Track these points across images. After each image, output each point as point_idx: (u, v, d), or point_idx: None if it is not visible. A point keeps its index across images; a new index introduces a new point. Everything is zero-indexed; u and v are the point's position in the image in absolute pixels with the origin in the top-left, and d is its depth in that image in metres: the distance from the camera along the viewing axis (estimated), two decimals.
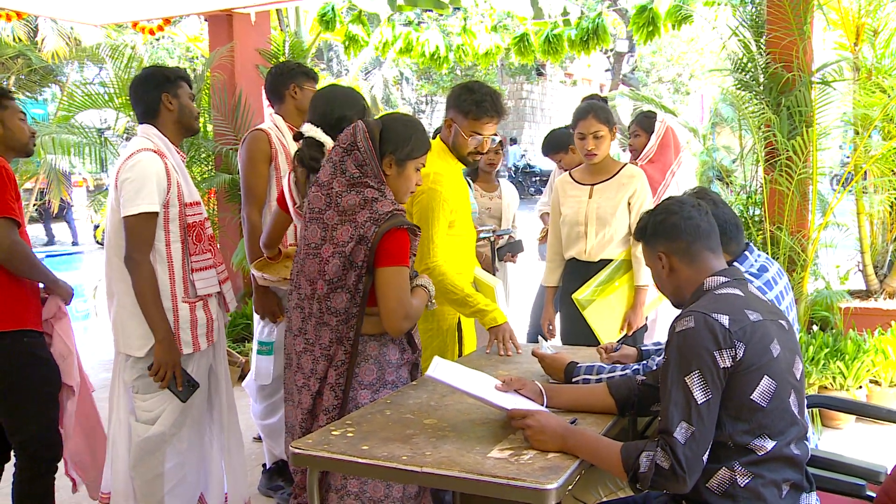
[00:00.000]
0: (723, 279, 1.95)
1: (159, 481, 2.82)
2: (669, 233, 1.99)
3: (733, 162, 6.94)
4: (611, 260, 3.53)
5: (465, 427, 2.07)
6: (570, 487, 1.77)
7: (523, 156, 24.81)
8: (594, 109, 3.51)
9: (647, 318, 3.68)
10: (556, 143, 4.61)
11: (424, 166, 2.52)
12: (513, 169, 23.73)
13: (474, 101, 2.96)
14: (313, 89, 3.52)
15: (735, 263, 2.29)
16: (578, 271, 3.57)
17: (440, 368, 2.12)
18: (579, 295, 3.38)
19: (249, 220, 3.40)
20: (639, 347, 2.62)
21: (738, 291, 1.91)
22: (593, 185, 3.60)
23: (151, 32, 6.51)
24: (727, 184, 6.02)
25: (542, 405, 2.16)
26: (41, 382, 2.87)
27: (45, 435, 2.89)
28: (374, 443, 1.95)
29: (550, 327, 3.79)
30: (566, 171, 3.90)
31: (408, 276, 2.37)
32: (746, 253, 2.34)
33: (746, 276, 2.24)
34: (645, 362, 2.43)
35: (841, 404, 3.14)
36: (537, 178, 22.14)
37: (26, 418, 2.85)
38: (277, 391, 3.48)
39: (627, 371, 2.35)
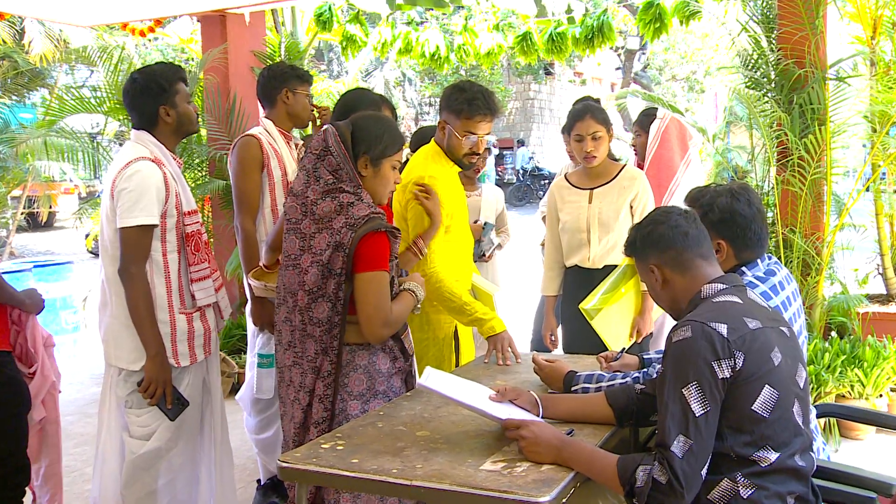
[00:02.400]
0: (720, 286, 1.96)
1: (152, 498, 2.84)
2: (658, 244, 2.01)
3: (748, 162, 6.94)
4: (615, 266, 3.53)
5: (458, 439, 2.09)
6: (563, 500, 1.78)
7: (531, 158, 24.78)
8: (591, 110, 3.53)
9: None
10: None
11: (401, 163, 2.55)
12: (520, 172, 23.70)
13: (466, 100, 2.98)
14: (307, 93, 3.55)
15: (744, 268, 2.30)
16: (582, 279, 3.57)
17: (432, 378, 2.13)
18: (586, 304, 3.39)
19: (243, 228, 3.42)
20: (640, 356, 2.63)
21: (736, 299, 1.92)
22: (593, 189, 3.61)
23: (142, 34, 6.55)
24: None
25: (538, 416, 2.17)
26: (9, 403, 2.88)
27: (11, 458, 2.91)
28: (364, 456, 1.96)
29: (553, 338, 3.80)
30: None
31: (387, 282, 2.38)
32: (757, 261, 2.34)
33: (753, 280, 2.25)
34: (645, 370, 2.44)
35: (855, 414, 3.14)
36: (546, 181, 22.13)
37: None
38: (272, 405, 3.50)
39: (627, 380, 2.36)
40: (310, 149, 2.45)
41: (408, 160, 3.15)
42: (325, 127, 2.49)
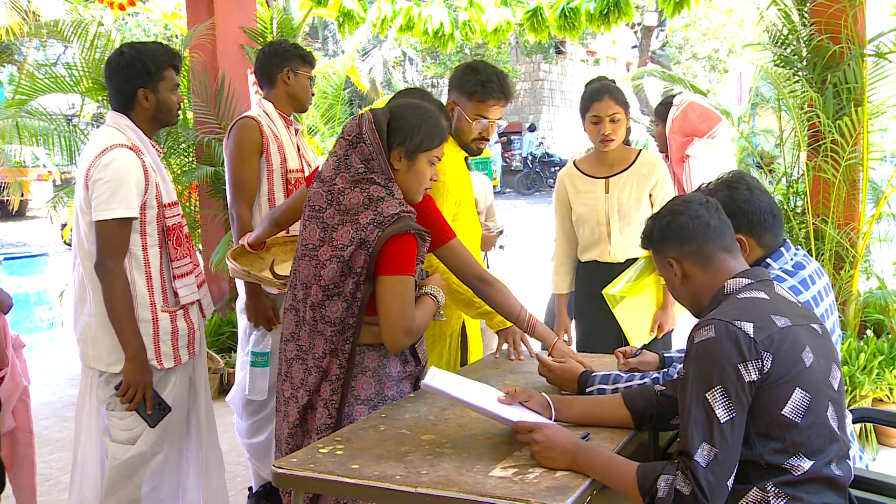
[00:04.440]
0: (745, 281, 1.96)
1: None
2: (677, 235, 2.01)
3: (776, 147, 6.92)
4: (636, 259, 3.53)
5: (465, 443, 2.09)
6: None
7: (541, 143, 24.76)
8: (610, 90, 3.50)
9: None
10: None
11: (440, 160, 2.52)
12: (529, 158, 23.70)
13: (480, 82, 2.99)
14: (308, 75, 3.56)
15: (769, 260, 2.30)
16: (600, 274, 3.53)
17: (438, 378, 2.13)
18: (610, 290, 3.38)
19: (239, 217, 3.42)
20: (661, 354, 2.63)
21: (762, 294, 1.92)
22: (608, 177, 3.59)
23: (121, 7, 6.53)
24: (768, 172, 6.01)
25: (551, 419, 2.17)
26: None
27: None
28: (365, 461, 1.97)
29: (566, 337, 3.78)
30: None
31: (412, 287, 2.37)
32: (782, 249, 2.35)
33: (780, 273, 2.25)
34: (665, 370, 2.44)
35: (895, 419, 3.12)
36: (557, 168, 22.12)
37: None
38: (265, 407, 3.52)
39: (646, 380, 2.36)
40: (342, 134, 2.43)
41: None
42: (361, 112, 2.47)
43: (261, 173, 3.43)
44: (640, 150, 3.67)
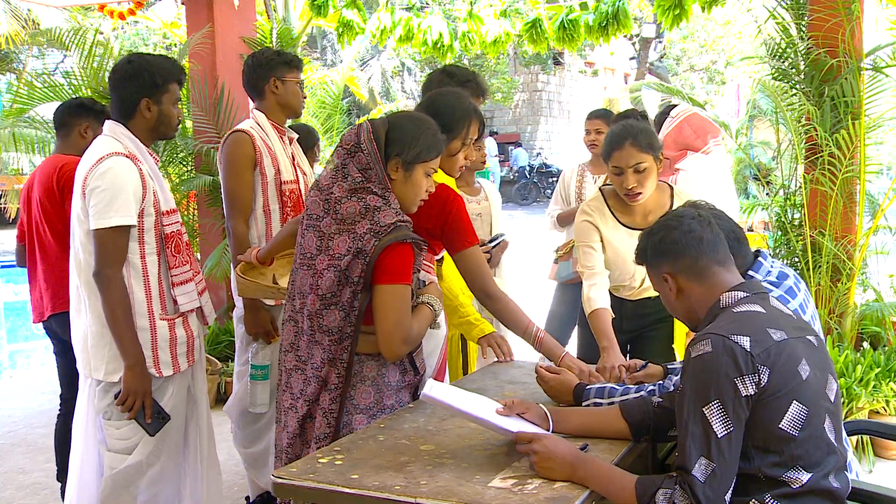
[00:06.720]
0: (741, 294, 1.97)
1: None
2: (671, 251, 2.02)
3: (773, 159, 6.94)
4: (648, 298, 3.37)
5: (465, 454, 2.10)
6: None
7: (539, 154, 24.85)
8: (631, 134, 3.03)
9: None
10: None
11: (436, 171, 2.53)
12: (527, 169, 23.77)
13: (459, 84, 3.04)
14: (297, 80, 3.54)
15: (751, 272, 2.31)
16: (612, 303, 3.28)
17: (436, 389, 2.14)
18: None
19: (235, 231, 3.41)
20: (664, 365, 2.63)
21: (758, 308, 1.92)
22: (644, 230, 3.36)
23: (121, 16, 6.54)
24: (765, 184, 6.04)
25: (548, 430, 2.18)
26: None
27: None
28: (364, 471, 1.97)
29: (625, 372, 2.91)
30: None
31: (409, 296, 2.38)
32: (760, 259, 2.36)
33: (767, 285, 2.25)
34: (661, 382, 2.44)
35: (891, 431, 3.12)
36: (555, 179, 22.18)
37: None
38: (262, 417, 3.52)
39: (642, 392, 2.36)
40: (341, 143, 2.45)
41: None
42: (359, 122, 2.49)
43: (255, 186, 3.43)
44: (673, 189, 3.28)
